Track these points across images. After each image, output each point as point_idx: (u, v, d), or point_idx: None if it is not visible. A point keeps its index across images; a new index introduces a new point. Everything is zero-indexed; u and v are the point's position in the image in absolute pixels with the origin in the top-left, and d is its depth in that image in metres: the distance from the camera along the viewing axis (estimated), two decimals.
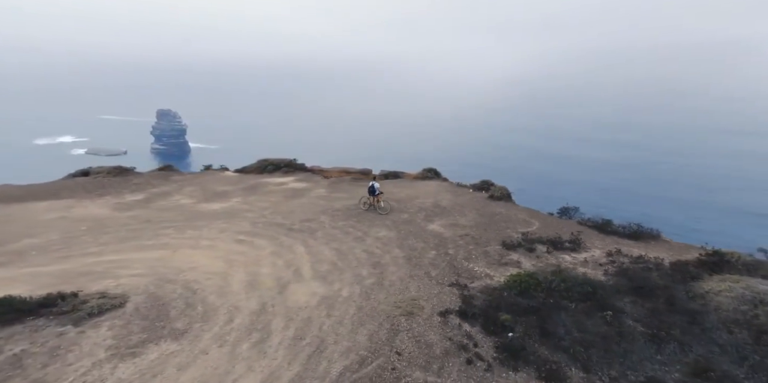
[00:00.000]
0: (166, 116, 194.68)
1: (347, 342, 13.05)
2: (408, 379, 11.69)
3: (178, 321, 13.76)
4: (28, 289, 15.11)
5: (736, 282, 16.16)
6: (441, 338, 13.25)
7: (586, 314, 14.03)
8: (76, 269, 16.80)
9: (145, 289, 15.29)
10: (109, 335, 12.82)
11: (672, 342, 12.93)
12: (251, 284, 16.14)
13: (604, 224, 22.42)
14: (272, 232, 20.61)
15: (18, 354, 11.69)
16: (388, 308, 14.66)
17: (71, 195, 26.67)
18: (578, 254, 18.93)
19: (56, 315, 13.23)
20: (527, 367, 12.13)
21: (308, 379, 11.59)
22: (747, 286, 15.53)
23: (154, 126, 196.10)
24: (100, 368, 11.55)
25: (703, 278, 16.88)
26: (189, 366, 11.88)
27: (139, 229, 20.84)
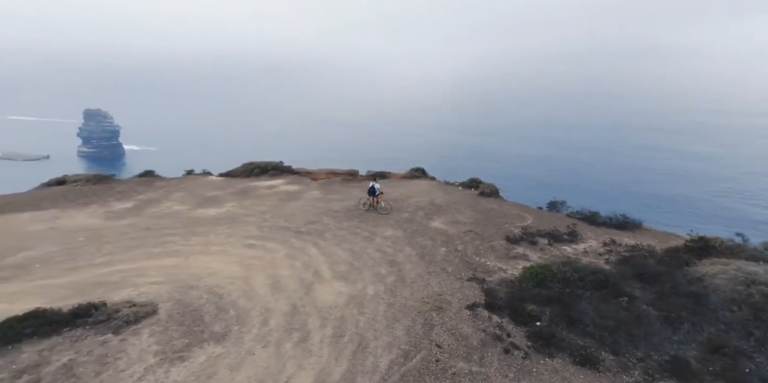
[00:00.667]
0: (94, 117, 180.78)
1: (387, 337, 13.39)
2: (453, 370, 12.16)
3: (214, 324, 13.77)
4: (46, 302, 14.73)
5: (726, 265, 17.44)
6: (475, 330, 13.79)
7: (603, 301, 14.92)
8: (89, 279, 16.37)
9: (170, 296, 15.12)
10: (152, 341, 12.76)
11: (684, 322, 13.95)
12: (275, 286, 16.21)
13: (592, 216, 23.63)
14: (280, 235, 20.61)
15: (67, 364, 11.62)
16: (417, 304, 15.08)
17: (53, 205, 25.58)
18: (577, 246, 19.95)
19: (92, 324, 13.13)
20: (561, 353, 12.84)
21: (359, 374, 11.89)
22: (738, 268, 16.83)
23: (82, 127, 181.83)
24: (154, 373, 11.61)
25: (695, 263, 18.03)
26: (240, 366, 12.00)
27: (140, 237, 20.37)
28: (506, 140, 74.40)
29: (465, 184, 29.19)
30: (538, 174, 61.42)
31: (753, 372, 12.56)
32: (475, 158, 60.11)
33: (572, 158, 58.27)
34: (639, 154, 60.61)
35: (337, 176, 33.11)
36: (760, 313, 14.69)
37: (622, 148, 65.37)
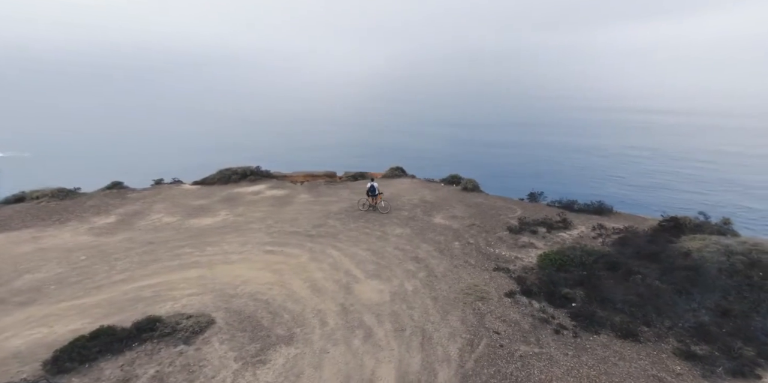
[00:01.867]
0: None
1: (445, 328, 14.06)
2: (519, 353, 13.07)
3: (276, 328, 13.95)
4: (89, 321, 14.30)
5: (704, 240, 19.64)
6: (522, 315, 14.77)
7: (620, 280, 16.35)
8: (121, 297, 15.69)
9: (216, 306, 14.95)
10: (226, 348, 12.92)
11: (692, 293, 15.58)
12: (314, 289, 16.37)
13: (571, 204, 25.46)
14: (294, 240, 20.58)
15: (156, 376, 11.70)
16: (460, 295, 15.82)
17: (24, 225, 23.60)
18: (571, 232, 21.56)
19: (159, 338, 13.13)
20: (604, 329, 14.14)
21: (435, 363, 12.54)
22: (716, 242, 19.09)
23: None
24: (243, 376, 11.99)
25: (676, 241, 20.07)
26: (321, 365, 12.41)
27: (150, 252, 19.55)
28: (417, 138, 75.64)
29: (446, 180, 30.29)
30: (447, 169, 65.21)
31: (757, 329, 14.38)
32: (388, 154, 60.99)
33: (480, 153, 60.91)
34: (541, 149, 65.18)
35: (316, 179, 33.01)
36: (747, 279, 16.76)
37: (527, 144, 69.45)
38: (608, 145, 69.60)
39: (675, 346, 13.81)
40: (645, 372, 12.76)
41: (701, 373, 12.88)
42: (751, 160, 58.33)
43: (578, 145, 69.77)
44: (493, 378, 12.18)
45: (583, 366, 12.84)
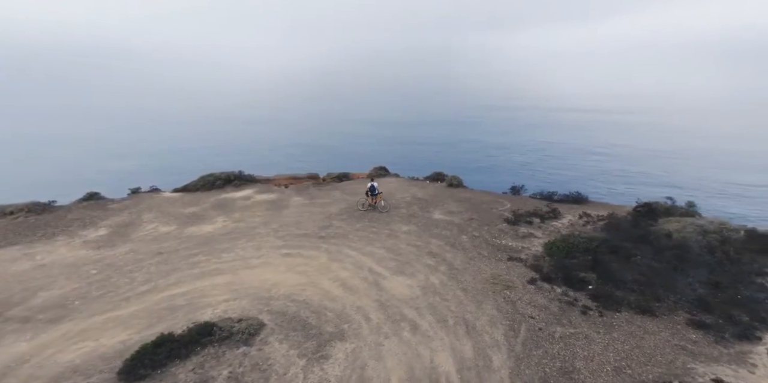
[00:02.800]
0: None
1: (484, 316, 14.81)
2: (557, 334, 14.00)
3: (324, 326, 14.33)
4: (135, 332, 14.31)
5: (679, 222, 21.46)
6: (548, 300, 15.74)
7: (622, 262, 17.72)
8: (156, 306, 15.36)
9: (258, 309, 15.05)
10: (286, 347, 13.33)
11: (684, 269, 17.19)
12: (345, 287, 16.65)
13: (551, 195, 26.91)
14: (307, 242, 20.62)
15: (231, 376, 11.79)
16: (486, 285, 16.59)
17: (7, 242, 22.05)
18: (562, 221, 22.92)
19: (218, 341, 13.09)
20: (623, 307, 15.43)
21: (487, 348, 13.26)
22: (690, 223, 21.00)
23: None
24: (312, 372, 12.28)
25: (654, 224, 21.82)
26: (381, 356, 12.97)
27: (165, 262, 19.00)
28: (341, 137, 74.50)
29: (431, 178, 31.01)
30: None
31: (744, 297, 16.11)
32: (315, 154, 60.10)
33: (409, 152, 61.81)
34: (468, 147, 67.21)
35: (300, 181, 32.81)
36: (724, 254, 18.64)
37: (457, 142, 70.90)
38: (526, 142, 72.93)
39: (686, 318, 15.24)
40: (669, 343, 14.03)
41: (714, 340, 14.34)
42: (641, 152, 63.68)
43: (498, 142, 72.65)
44: (543, 359, 12.99)
45: (617, 342, 13.93)
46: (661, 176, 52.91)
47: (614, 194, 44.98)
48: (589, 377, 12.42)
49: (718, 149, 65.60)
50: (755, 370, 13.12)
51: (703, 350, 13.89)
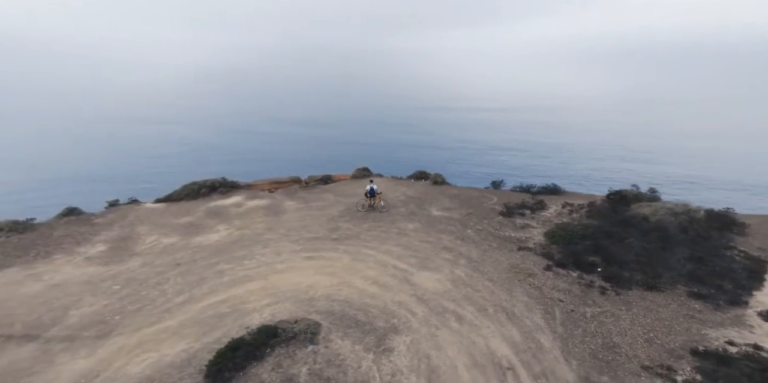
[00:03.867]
0: None
1: (519, 303, 15.81)
2: (588, 313, 15.37)
3: (375, 321, 15.03)
4: (193, 340, 14.23)
5: (650, 207, 23.54)
6: (568, 283, 16.98)
7: (617, 245, 19.38)
8: (203, 315, 15.31)
9: (305, 310, 15.40)
10: (349, 343, 13.66)
11: (670, 248, 19.08)
12: (379, 285, 17.17)
13: (529, 188, 28.51)
14: (323, 245, 20.74)
15: (312, 372, 12.15)
16: (509, 275, 17.58)
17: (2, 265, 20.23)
18: (549, 211, 24.50)
19: (285, 342, 13.26)
20: (633, 285, 16.93)
21: (533, 332, 14.40)
22: (661, 206, 23.15)
23: None
24: (382, 363, 12.75)
25: (629, 209, 23.80)
26: (439, 346, 13.98)
27: (185, 273, 18.52)
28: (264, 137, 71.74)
29: (415, 176, 31.71)
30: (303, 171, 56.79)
31: (723, 268, 18.14)
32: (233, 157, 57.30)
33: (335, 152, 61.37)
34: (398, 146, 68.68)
35: (284, 185, 32.39)
36: (695, 233, 20.81)
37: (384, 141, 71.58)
38: (446, 140, 75.24)
39: (685, 290, 17.01)
40: (680, 313, 15.65)
41: (712, 307, 16.15)
42: (549, 148, 68.62)
43: (417, 141, 74.55)
44: (585, 337, 14.11)
45: (639, 316, 15.35)
46: (559, 168, 56.88)
47: None
48: (629, 350, 13.67)
49: (606, 142, 71.74)
50: (754, 330, 14.98)
51: (708, 317, 15.63)
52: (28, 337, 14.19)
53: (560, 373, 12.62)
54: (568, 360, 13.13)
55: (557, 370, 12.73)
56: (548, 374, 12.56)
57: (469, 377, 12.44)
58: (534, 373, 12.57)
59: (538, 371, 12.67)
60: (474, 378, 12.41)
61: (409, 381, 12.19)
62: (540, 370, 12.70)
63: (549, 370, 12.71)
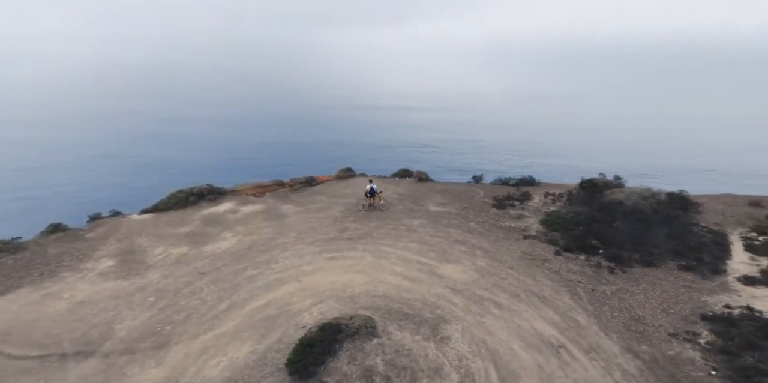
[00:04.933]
0: None
1: (545, 287, 17.09)
2: (607, 291, 16.97)
3: (422, 313, 15.58)
4: (255, 342, 14.26)
5: (622, 192, 25.64)
6: (580, 266, 18.46)
7: (608, 228, 21.15)
8: (253, 319, 15.51)
9: (351, 307, 15.86)
10: (407, 334, 14.11)
11: (651, 229, 21.07)
12: (409, 279, 17.87)
13: (507, 181, 30.07)
14: (341, 245, 20.96)
15: (387, 361, 12.68)
16: (527, 262, 18.77)
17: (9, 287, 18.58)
18: (533, 201, 26.06)
19: (350, 336, 13.48)
20: (634, 263, 18.52)
21: (567, 311, 15.97)
22: (632, 191, 25.24)
23: None
24: (447, 351, 13.43)
25: (603, 195, 25.77)
26: (490, 331, 14.81)
27: (215, 281, 18.13)
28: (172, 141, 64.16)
29: (399, 175, 32.25)
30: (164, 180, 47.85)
31: (696, 243, 20.33)
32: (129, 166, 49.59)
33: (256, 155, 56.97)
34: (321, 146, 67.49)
35: (268, 189, 31.75)
36: (664, 214, 22.99)
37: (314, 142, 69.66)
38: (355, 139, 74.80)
39: (675, 264, 18.96)
40: (678, 284, 17.50)
41: (701, 277, 18.18)
42: (459, 144, 72.02)
43: (343, 140, 73.66)
44: (614, 312, 15.49)
45: (648, 291, 17.00)
46: (477, 162, 59.77)
47: None
48: (653, 320, 15.16)
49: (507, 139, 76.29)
50: (740, 294, 17.09)
51: (701, 286, 17.59)
52: (83, 353, 13.66)
53: (606, 346, 13.80)
54: (608, 334, 14.35)
55: (602, 344, 13.90)
56: (595, 348, 13.69)
57: (529, 357, 13.28)
58: (583, 348, 13.65)
59: (586, 346, 13.77)
60: (533, 357, 13.27)
61: (476, 365, 12.86)
62: (587, 345, 13.80)
63: (595, 344, 13.85)
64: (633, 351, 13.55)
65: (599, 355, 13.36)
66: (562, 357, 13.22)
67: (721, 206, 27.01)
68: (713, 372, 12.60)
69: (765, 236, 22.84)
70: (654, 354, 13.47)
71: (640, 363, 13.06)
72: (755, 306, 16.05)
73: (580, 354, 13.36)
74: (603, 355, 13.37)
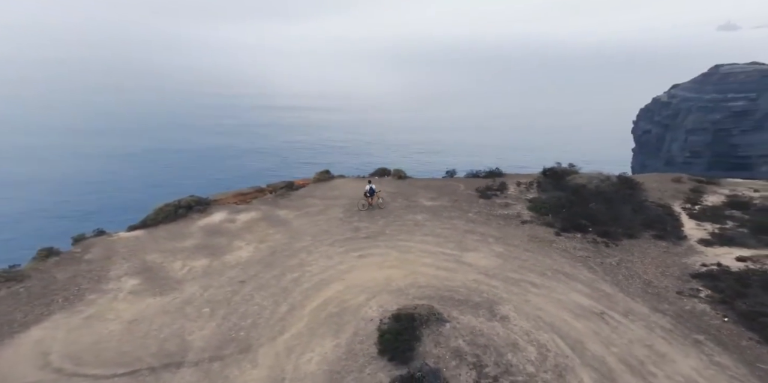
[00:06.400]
0: None
1: (563, 264, 18.86)
2: (611, 261, 18.80)
3: (472, 298, 16.02)
4: (333, 337, 14.43)
5: (582, 178, 28.50)
6: (580, 243, 20.57)
7: (585, 209, 23.48)
8: (318, 318, 15.38)
9: (405, 298, 16.05)
10: (471, 317, 14.71)
11: (619, 207, 23.71)
12: (443, 269, 18.69)
13: (477, 173, 31.88)
14: (362, 244, 21.20)
15: (469, 342, 13.38)
16: (536, 244, 20.53)
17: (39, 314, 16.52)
18: (510, 190, 27.96)
19: (424, 324, 13.93)
20: (620, 237, 20.79)
21: (592, 283, 17.31)
22: (590, 176, 28.07)
23: None
24: (512, 327, 14.30)
25: (566, 181, 28.40)
26: (538, 307, 15.88)
27: (262, 287, 17.70)
28: None
29: (378, 174, 32.65)
30: None
31: (654, 216, 23.29)
32: None
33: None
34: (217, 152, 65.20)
35: (250, 196, 30.68)
36: (621, 194, 25.92)
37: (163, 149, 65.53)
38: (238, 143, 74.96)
39: (649, 235, 21.60)
40: (659, 251, 20.15)
41: (672, 244, 20.90)
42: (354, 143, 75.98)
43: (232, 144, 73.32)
44: (627, 279, 17.56)
45: (642, 258, 19.39)
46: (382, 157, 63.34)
47: None
48: (659, 283, 17.38)
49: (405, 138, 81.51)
50: (706, 254, 20.05)
51: (676, 250, 20.35)
52: (172, 365, 13.11)
53: (636, 309, 15.63)
54: (633, 299, 16.23)
55: (633, 307, 15.72)
56: (630, 311, 15.47)
57: (582, 325, 14.67)
58: (620, 312, 15.36)
59: (621, 310, 15.50)
60: (585, 325, 14.68)
61: (543, 337, 13.96)
62: (622, 309, 15.54)
63: (628, 308, 15.63)
64: (659, 310, 15.53)
65: (636, 316, 15.14)
66: (609, 322, 14.79)
67: (654, 184, 30.90)
68: (725, 319, 14.94)
69: (698, 206, 26.77)
70: (676, 310, 15.57)
71: (670, 318, 15.06)
72: (723, 262, 19.01)
73: (621, 318, 15.04)
74: (639, 316, 15.17)
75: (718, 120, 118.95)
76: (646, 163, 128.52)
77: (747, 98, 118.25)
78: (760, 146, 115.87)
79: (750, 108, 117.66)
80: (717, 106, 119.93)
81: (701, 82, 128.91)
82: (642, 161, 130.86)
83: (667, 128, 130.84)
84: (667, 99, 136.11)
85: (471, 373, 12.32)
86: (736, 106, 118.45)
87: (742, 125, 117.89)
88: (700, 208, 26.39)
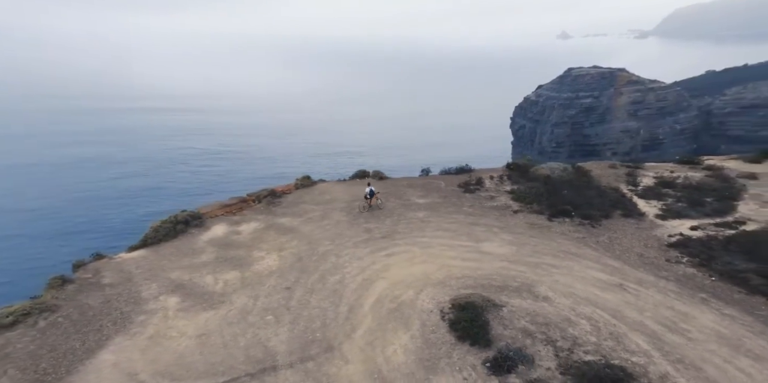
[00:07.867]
0: None
1: (569, 246, 20.75)
2: (603, 240, 20.96)
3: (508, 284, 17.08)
4: (405, 330, 14.49)
5: (544, 169, 31.01)
6: (573, 226, 22.80)
7: (560, 196, 25.60)
8: (381, 315, 15.59)
9: (451, 289, 16.73)
10: (519, 300, 15.80)
11: (585, 193, 26.36)
12: (469, 260, 19.60)
13: (449, 170, 33.30)
14: (383, 244, 21.37)
15: (531, 322, 14.51)
16: (538, 231, 22.25)
17: (97, 341, 14.63)
18: (487, 184, 29.62)
19: (485, 310, 14.78)
20: (600, 219, 23.15)
21: (600, 260, 19.14)
22: (549, 167, 30.76)
23: None
24: (555, 306, 15.55)
25: (530, 173, 30.80)
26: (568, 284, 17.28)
27: (310, 292, 17.29)
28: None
29: (359, 175, 32.61)
30: None
31: (613, 198, 26.21)
32: None
33: None
34: None
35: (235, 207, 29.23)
36: (581, 181, 28.79)
37: None
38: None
39: (618, 214, 24.21)
40: (633, 227, 22.83)
41: (638, 220, 23.70)
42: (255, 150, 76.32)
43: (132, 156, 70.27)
44: (625, 254, 19.73)
45: (624, 235, 21.82)
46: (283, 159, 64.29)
47: None
48: (649, 254, 19.76)
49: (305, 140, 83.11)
50: (666, 226, 22.99)
51: (644, 225, 23.17)
52: (268, 369, 12.89)
53: (644, 278, 17.69)
54: (637, 270, 18.31)
55: (641, 277, 17.76)
56: (641, 281, 17.47)
57: (609, 296, 16.32)
58: (634, 282, 17.29)
59: (634, 280, 17.45)
60: (613, 296, 16.35)
61: (587, 309, 15.35)
62: (635, 280, 17.50)
63: (638, 278, 17.63)
64: (663, 277, 17.74)
65: (648, 284, 17.15)
66: (630, 292, 16.61)
67: (597, 171, 34.46)
68: (713, 278, 17.51)
69: (639, 187, 30.47)
70: (674, 275, 17.90)
71: (674, 283, 17.30)
72: (684, 232, 22.07)
73: (637, 286, 16.95)
74: (650, 284, 17.21)
75: (573, 115, 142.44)
76: (523, 154, 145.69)
77: (592, 95, 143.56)
78: (604, 136, 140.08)
79: (595, 104, 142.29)
80: (572, 103, 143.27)
81: (559, 83, 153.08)
82: (520, 153, 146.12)
83: (537, 122, 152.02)
84: (535, 98, 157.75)
85: (548, 348, 13.29)
86: (585, 102, 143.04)
87: (590, 118, 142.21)
88: (642, 189, 30.07)
